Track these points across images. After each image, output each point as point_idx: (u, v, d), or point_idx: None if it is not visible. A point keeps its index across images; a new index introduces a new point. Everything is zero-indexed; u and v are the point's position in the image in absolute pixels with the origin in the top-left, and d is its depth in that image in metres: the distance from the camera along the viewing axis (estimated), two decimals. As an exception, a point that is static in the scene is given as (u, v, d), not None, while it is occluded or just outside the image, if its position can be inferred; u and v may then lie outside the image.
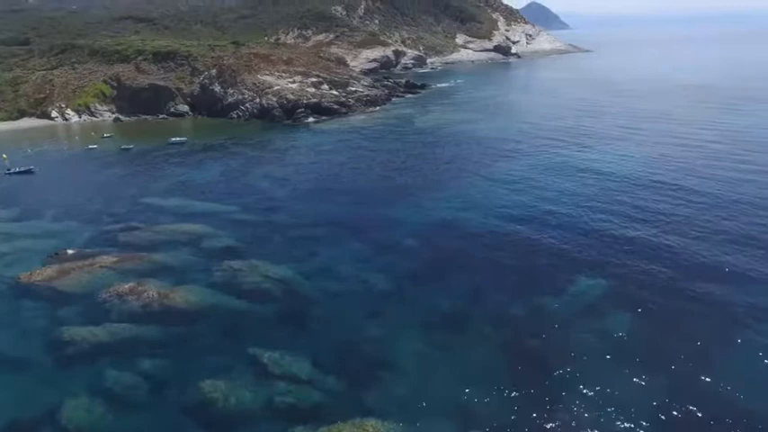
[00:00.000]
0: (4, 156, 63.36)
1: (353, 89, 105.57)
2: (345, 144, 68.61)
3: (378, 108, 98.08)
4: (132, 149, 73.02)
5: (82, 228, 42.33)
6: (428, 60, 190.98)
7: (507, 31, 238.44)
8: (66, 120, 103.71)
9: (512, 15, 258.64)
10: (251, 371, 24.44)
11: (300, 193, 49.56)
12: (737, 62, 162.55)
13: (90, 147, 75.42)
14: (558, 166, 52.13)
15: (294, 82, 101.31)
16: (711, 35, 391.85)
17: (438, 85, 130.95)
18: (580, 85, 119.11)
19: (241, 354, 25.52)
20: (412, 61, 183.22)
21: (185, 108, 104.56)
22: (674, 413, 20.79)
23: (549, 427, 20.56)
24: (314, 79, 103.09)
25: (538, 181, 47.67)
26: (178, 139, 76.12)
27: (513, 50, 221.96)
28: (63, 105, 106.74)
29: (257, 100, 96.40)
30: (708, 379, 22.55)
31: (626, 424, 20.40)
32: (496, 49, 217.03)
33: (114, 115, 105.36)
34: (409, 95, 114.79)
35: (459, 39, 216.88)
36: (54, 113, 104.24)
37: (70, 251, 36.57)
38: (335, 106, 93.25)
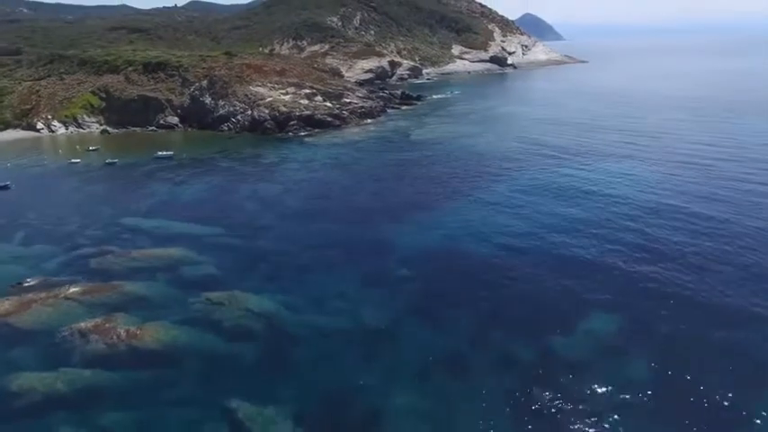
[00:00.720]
0: None
1: (348, 101, 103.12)
2: (338, 160, 65.91)
3: (372, 120, 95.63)
4: (116, 164, 70.12)
5: (52, 252, 39.30)
6: (424, 71, 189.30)
7: (503, 41, 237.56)
8: (53, 132, 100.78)
9: (507, 26, 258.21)
10: (226, 428, 21.47)
11: (289, 213, 46.71)
12: (736, 73, 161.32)
13: (73, 161, 72.45)
14: (560, 186, 49.27)
15: (287, 93, 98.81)
16: (705, 45, 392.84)
17: (434, 96, 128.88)
18: (578, 97, 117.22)
19: (215, 406, 22.57)
20: (408, 72, 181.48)
21: (175, 120, 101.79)
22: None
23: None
24: (307, 90, 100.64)
25: (539, 203, 44.80)
26: (165, 153, 73.25)
27: (510, 61, 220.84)
28: (49, 117, 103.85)
29: (249, 112, 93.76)
30: (745, 440, 19.76)
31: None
32: (492, 59, 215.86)
33: (102, 127, 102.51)
34: (405, 107, 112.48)
35: (455, 49, 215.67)
36: (40, 125, 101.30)
37: (34, 280, 33.53)
38: (329, 119, 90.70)
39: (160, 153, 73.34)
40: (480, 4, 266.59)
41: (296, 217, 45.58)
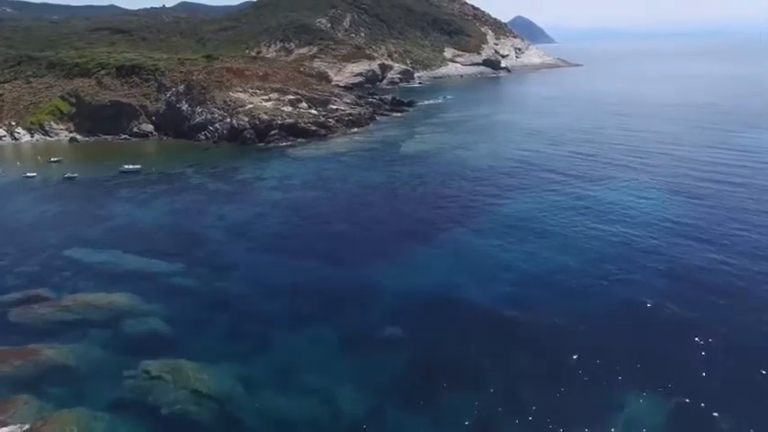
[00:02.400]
0: None
1: (334, 107, 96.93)
2: (320, 176, 59.59)
3: (360, 129, 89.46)
4: (76, 179, 63.45)
5: (-31, 299, 32.76)
6: (416, 75, 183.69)
7: (496, 44, 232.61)
8: (16, 139, 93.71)
9: (500, 29, 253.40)
10: None
11: (259, 245, 40.40)
12: (735, 78, 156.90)
13: (29, 174, 65.63)
14: (568, 216, 42.60)
15: (269, 100, 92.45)
16: (700, 49, 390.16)
17: (426, 101, 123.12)
18: (576, 104, 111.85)
19: None
20: (399, 76, 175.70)
21: (150, 128, 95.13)
22: None
23: None
24: (291, 97, 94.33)
25: (547, 239, 38.34)
26: (131, 167, 66.60)
27: (503, 64, 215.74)
28: (13, 123, 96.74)
29: (227, 120, 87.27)
30: None
31: None
32: (485, 63, 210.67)
33: (71, 135, 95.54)
34: (395, 114, 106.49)
35: (448, 52, 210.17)
36: (1, 132, 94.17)
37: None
38: (313, 128, 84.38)
39: (126, 167, 66.78)
40: (473, 6, 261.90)
41: (267, 250, 39.29)
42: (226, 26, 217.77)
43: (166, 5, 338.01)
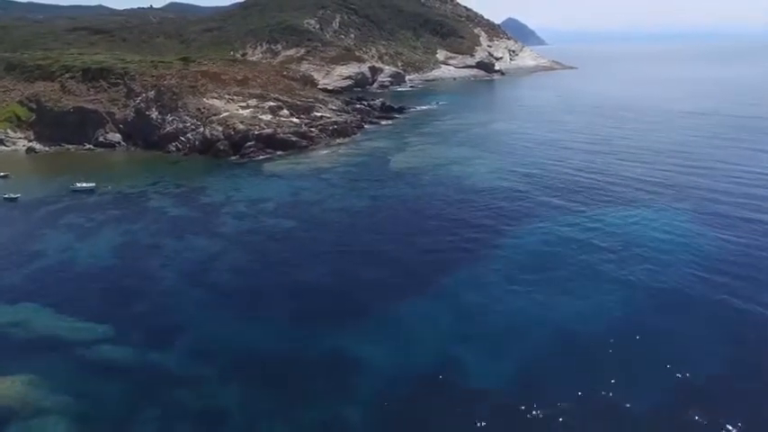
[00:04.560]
0: None
1: (318, 114, 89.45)
2: (296, 199, 51.95)
3: (346, 140, 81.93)
4: (18, 200, 55.46)
5: None
6: (407, 78, 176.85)
7: (490, 46, 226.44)
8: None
9: (494, 30, 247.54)
10: None
11: (216, 297, 32.77)
12: (735, 82, 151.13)
13: (-39, 196, 57.46)
14: (586, 255, 35.36)
15: (247, 107, 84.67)
16: (694, 52, 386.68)
17: (418, 107, 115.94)
18: (576, 111, 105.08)
19: None
20: (389, 79, 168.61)
21: (117, 137, 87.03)
22: None
23: None
24: (272, 103, 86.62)
25: (563, 291, 30.95)
26: (85, 184, 58.76)
27: (497, 67, 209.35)
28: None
29: (200, 129, 79.38)
30: None
31: None
32: (479, 65, 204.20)
33: (29, 144, 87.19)
34: (385, 122, 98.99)
35: (440, 55, 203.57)
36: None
37: None
38: (294, 138, 76.68)
39: (79, 185, 58.91)
40: (465, 7, 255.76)
41: (223, 305, 31.65)
42: (211, 27, 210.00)
43: (154, 6, 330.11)
